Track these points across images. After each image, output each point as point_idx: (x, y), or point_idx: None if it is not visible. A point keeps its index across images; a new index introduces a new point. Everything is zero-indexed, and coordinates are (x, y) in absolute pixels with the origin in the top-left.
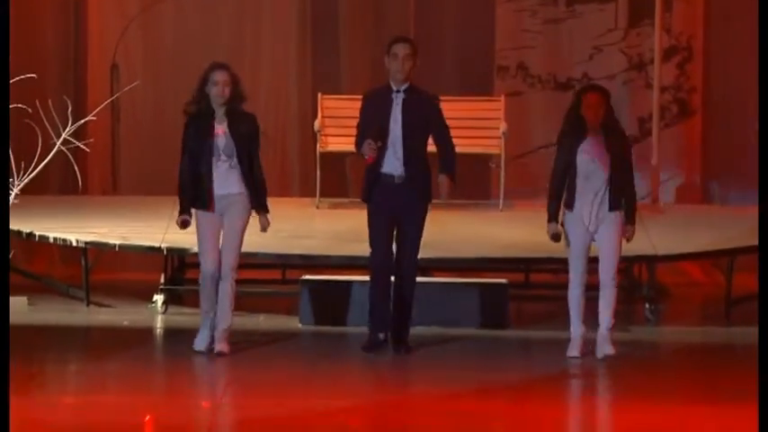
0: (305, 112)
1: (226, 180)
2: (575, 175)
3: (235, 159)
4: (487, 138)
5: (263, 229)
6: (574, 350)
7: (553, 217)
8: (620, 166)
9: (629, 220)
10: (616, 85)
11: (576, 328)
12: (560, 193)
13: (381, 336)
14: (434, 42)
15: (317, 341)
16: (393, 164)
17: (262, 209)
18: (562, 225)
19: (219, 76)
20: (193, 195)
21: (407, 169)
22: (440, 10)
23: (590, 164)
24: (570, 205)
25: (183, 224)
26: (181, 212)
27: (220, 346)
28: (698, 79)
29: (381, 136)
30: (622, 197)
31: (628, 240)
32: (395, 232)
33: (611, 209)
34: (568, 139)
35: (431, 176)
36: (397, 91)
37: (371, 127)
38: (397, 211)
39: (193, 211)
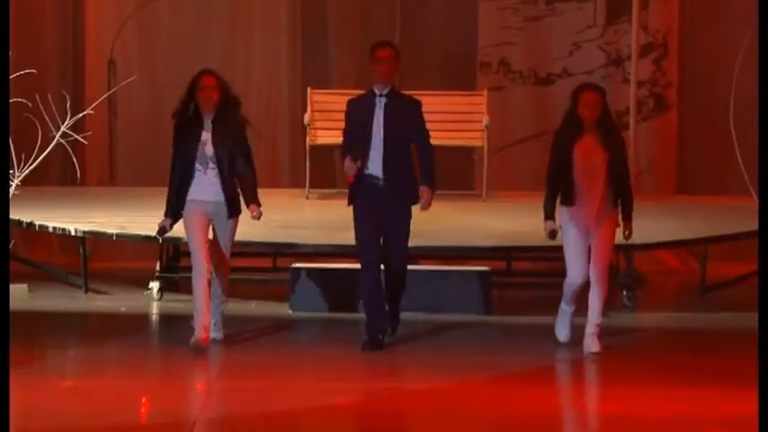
0: (294, 107)
1: (214, 186)
2: (572, 173)
3: (220, 166)
4: (471, 131)
5: (257, 218)
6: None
7: (550, 215)
8: (617, 164)
9: (627, 216)
10: (595, 80)
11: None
12: (557, 191)
13: (381, 336)
14: (420, 39)
15: (306, 327)
16: (377, 166)
17: (254, 203)
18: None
19: (207, 82)
20: (180, 200)
21: (391, 171)
22: (425, 9)
23: (587, 162)
24: (567, 203)
25: (161, 230)
26: (165, 216)
27: (215, 333)
28: (674, 75)
29: (364, 146)
30: (618, 195)
31: (627, 238)
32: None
33: (608, 207)
34: (565, 137)
35: (416, 178)
36: (380, 95)
37: (357, 131)
38: (382, 213)
39: (183, 213)
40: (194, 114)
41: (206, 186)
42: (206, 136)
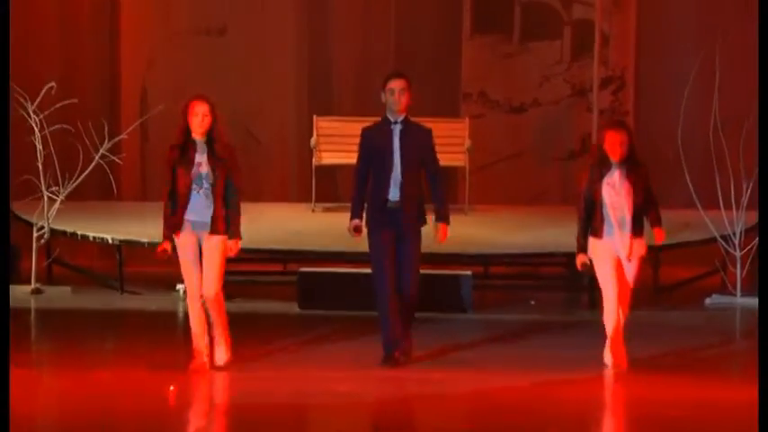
0: (302, 132)
1: (206, 208)
2: (601, 205)
3: (214, 188)
4: (455, 153)
5: (233, 254)
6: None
7: (582, 248)
8: (642, 196)
9: (657, 224)
10: (561, 109)
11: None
12: (587, 224)
13: (393, 352)
14: (412, 74)
15: (313, 323)
16: (392, 190)
17: (234, 236)
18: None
19: (199, 108)
20: (178, 222)
21: (404, 194)
22: (417, 49)
23: (615, 196)
24: (598, 235)
25: (163, 253)
26: (164, 238)
27: (221, 358)
28: (630, 104)
29: (383, 173)
30: (643, 225)
31: (659, 243)
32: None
33: (634, 236)
34: (594, 174)
35: (424, 200)
36: (395, 123)
37: (371, 158)
38: (395, 233)
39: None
40: (188, 138)
41: (200, 206)
42: (200, 158)
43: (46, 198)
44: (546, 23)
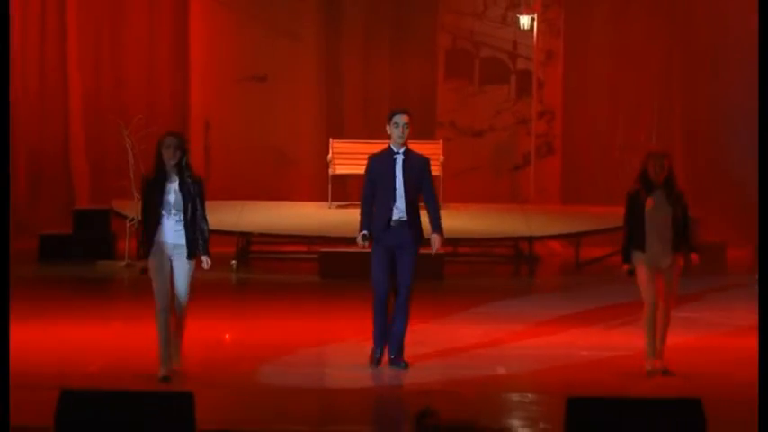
0: (321, 150)
1: (176, 231)
2: (643, 223)
3: (182, 213)
4: (433, 165)
5: (207, 266)
6: (648, 363)
7: (626, 258)
8: (680, 216)
9: (692, 249)
10: (509, 134)
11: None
12: (630, 239)
13: (380, 354)
14: (401, 107)
15: (329, 288)
16: (395, 211)
17: (205, 253)
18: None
19: (168, 141)
20: (149, 245)
21: (405, 215)
22: (405, 87)
23: (655, 214)
24: (641, 248)
25: (145, 269)
26: (145, 257)
27: (177, 365)
28: (558, 130)
29: (388, 196)
30: (682, 239)
31: (693, 264)
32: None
33: (674, 251)
34: (638, 194)
35: (421, 221)
36: (397, 153)
37: (377, 183)
38: (395, 247)
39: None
40: (160, 169)
41: (169, 230)
42: (170, 186)
43: (136, 198)
44: (498, 72)
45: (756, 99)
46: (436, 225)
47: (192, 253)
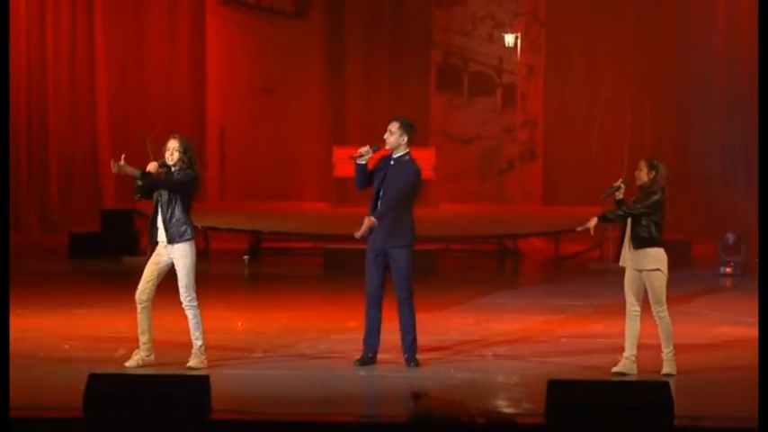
0: (325, 156)
1: (167, 222)
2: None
3: (169, 206)
4: (426, 170)
5: (115, 166)
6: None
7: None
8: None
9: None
10: (495, 142)
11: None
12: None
13: (370, 354)
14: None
15: (332, 280)
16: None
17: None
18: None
19: (170, 144)
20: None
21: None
22: (402, 99)
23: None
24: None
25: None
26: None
27: (193, 362)
28: (540, 138)
29: (377, 194)
30: (650, 240)
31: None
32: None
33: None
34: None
35: (413, 226)
36: (391, 158)
37: (374, 182)
38: (384, 251)
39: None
40: (162, 165)
41: (161, 228)
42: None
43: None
44: (485, 85)
45: (718, 100)
46: (379, 213)
47: (178, 237)
